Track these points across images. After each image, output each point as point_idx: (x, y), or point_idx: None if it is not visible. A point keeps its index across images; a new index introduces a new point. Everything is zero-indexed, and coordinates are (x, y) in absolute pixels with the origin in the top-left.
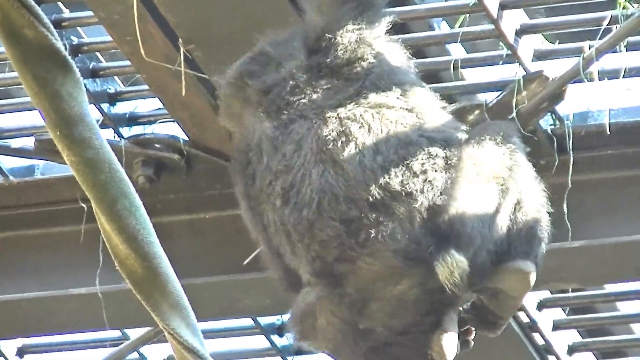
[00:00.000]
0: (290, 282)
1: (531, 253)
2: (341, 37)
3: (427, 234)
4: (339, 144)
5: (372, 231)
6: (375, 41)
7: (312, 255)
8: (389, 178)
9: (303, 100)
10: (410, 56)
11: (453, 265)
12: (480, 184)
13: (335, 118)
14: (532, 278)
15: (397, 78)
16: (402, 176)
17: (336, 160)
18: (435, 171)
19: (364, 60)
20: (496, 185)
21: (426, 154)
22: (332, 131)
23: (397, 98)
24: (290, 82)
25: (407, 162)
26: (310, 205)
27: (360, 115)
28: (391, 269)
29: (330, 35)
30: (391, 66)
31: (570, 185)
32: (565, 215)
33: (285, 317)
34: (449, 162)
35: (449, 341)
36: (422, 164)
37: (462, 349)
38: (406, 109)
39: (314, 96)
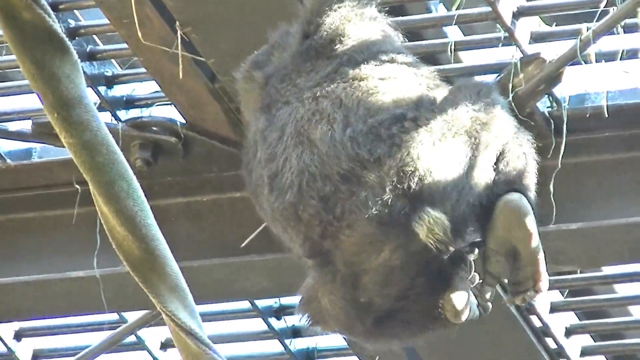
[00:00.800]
0: None
1: (511, 188)
2: (327, 17)
3: (399, 196)
4: (313, 122)
5: (347, 203)
6: (358, 17)
7: (301, 238)
8: (358, 148)
9: (289, 87)
10: (397, 28)
11: (431, 223)
12: (451, 140)
13: (313, 98)
14: (523, 207)
15: (376, 48)
16: (370, 144)
17: (311, 139)
18: (403, 133)
19: (344, 37)
20: (469, 139)
21: (394, 117)
22: (308, 111)
23: (373, 68)
24: (282, 71)
25: (375, 129)
26: (292, 188)
27: (333, 90)
28: (369, 237)
29: (319, 18)
30: (371, 38)
31: (559, 167)
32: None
33: (283, 300)
34: (419, 122)
35: (460, 299)
36: (389, 128)
37: (481, 315)
38: (380, 78)
39: (298, 80)
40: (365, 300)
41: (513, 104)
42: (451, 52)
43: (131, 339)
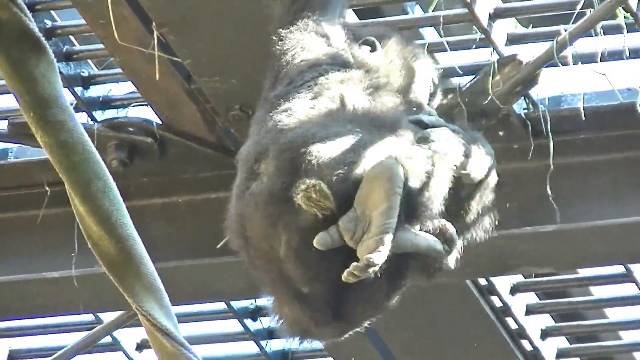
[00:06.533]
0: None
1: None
2: (280, 34)
3: (280, 174)
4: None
5: (245, 197)
6: (302, 30)
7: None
8: (253, 148)
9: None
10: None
11: (308, 189)
12: (320, 106)
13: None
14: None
15: (312, 63)
16: (263, 138)
17: None
18: (282, 120)
19: (286, 53)
20: (333, 99)
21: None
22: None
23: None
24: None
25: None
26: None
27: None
28: (265, 221)
29: (277, 37)
30: (309, 54)
31: (552, 168)
32: (549, 198)
33: (258, 301)
34: (295, 108)
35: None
36: (271, 117)
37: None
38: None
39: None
40: (308, 291)
41: (493, 104)
42: (427, 54)
43: (107, 339)
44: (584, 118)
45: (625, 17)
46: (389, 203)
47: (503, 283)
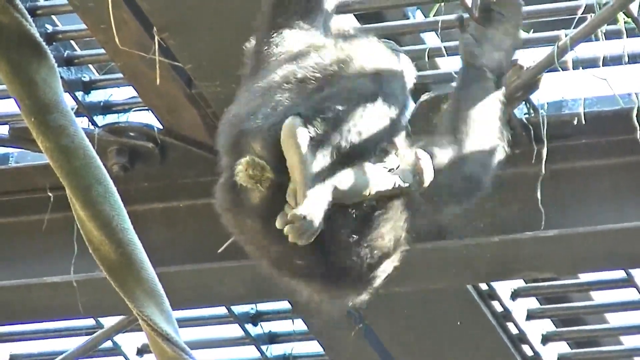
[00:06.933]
0: None
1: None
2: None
3: (230, 162)
4: None
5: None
6: (279, 34)
7: None
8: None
9: None
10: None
11: (245, 167)
12: (261, 87)
13: None
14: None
15: (282, 60)
16: None
17: None
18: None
19: (259, 56)
20: (280, 77)
21: None
22: None
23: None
24: None
25: None
26: None
27: None
28: (230, 211)
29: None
30: (281, 55)
31: (543, 172)
32: (539, 203)
33: (259, 306)
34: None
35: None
36: None
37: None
38: None
39: None
40: (302, 262)
41: None
42: (428, 59)
43: (107, 344)
44: (584, 123)
45: (625, 22)
46: (298, 157)
47: (504, 288)
